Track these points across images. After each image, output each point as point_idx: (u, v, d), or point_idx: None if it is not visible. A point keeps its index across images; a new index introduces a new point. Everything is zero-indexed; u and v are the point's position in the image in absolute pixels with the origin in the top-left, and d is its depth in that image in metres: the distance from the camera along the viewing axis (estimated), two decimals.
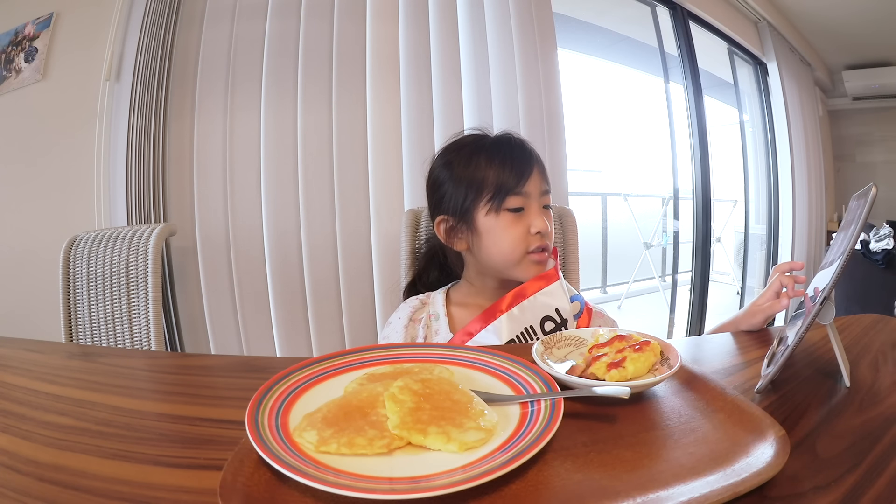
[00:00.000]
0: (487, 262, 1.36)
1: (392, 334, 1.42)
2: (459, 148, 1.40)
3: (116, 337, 2.23)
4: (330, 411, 0.68)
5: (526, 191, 1.30)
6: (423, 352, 0.92)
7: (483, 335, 1.27)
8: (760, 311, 1.25)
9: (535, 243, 1.31)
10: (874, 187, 0.84)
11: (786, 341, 0.90)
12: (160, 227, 2.28)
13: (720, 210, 6.14)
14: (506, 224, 1.30)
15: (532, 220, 1.31)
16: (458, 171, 1.36)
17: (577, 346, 0.98)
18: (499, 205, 1.30)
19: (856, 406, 0.80)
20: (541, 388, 0.77)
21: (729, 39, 4.98)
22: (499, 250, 1.32)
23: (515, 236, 1.30)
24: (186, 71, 2.66)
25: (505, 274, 1.35)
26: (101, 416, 0.81)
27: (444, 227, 1.39)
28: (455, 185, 1.35)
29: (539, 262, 1.33)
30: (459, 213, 1.35)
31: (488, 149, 1.36)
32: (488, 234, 1.32)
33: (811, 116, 5.65)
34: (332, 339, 2.59)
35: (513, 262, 1.32)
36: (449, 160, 1.40)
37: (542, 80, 2.58)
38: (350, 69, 2.55)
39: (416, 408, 0.67)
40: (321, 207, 2.55)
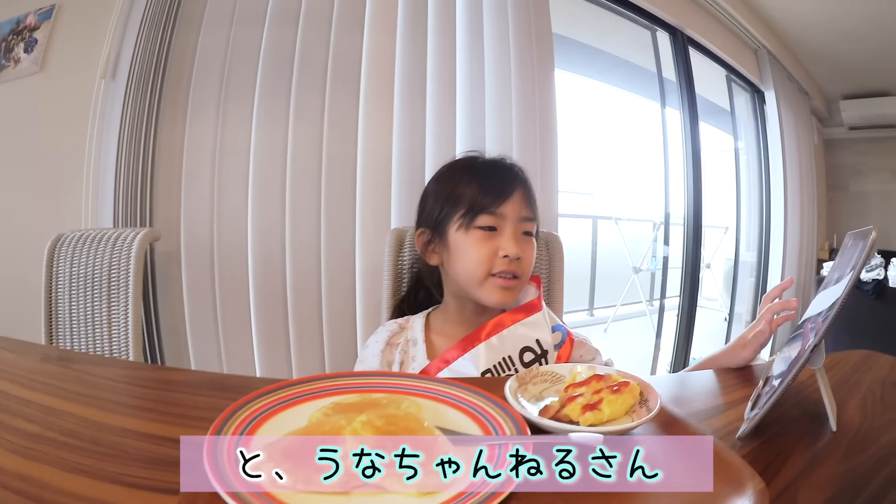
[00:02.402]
0: (455, 279, 1.34)
1: (368, 358, 1.39)
2: (451, 164, 1.41)
3: (95, 341, 2.20)
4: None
5: (501, 212, 1.28)
6: (393, 381, 0.91)
7: (460, 363, 1.24)
8: (749, 344, 1.22)
9: (502, 267, 1.27)
10: (874, 231, 0.82)
11: (771, 381, 0.88)
12: (144, 231, 2.25)
13: (711, 236, 6.16)
14: (474, 241, 1.28)
15: (503, 242, 1.27)
16: (441, 185, 1.37)
17: (554, 382, 0.95)
18: (470, 221, 1.28)
19: (841, 452, 0.78)
20: (510, 429, 0.74)
21: (728, 66, 5.01)
22: (463, 267, 1.30)
23: (481, 255, 1.27)
24: (181, 74, 2.63)
25: (470, 294, 1.32)
26: (69, 427, 0.80)
27: (422, 240, 1.39)
28: (435, 199, 1.36)
29: (505, 287, 1.28)
30: (434, 225, 1.34)
31: (474, 167, 1.36)
32: (457, 250, 1.30)
33: (806, 145, 5.68)
34: (313, 356, 2.55)
35: (476, 281, 1.28)
36: (439, 175, 1.41)
37: (538, 101, 2.58)
38: (345, 82, 2.53)
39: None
40: (307, 222, 2.51)
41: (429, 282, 1.49)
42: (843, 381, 1.09)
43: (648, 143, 5.07)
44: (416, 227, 1.43)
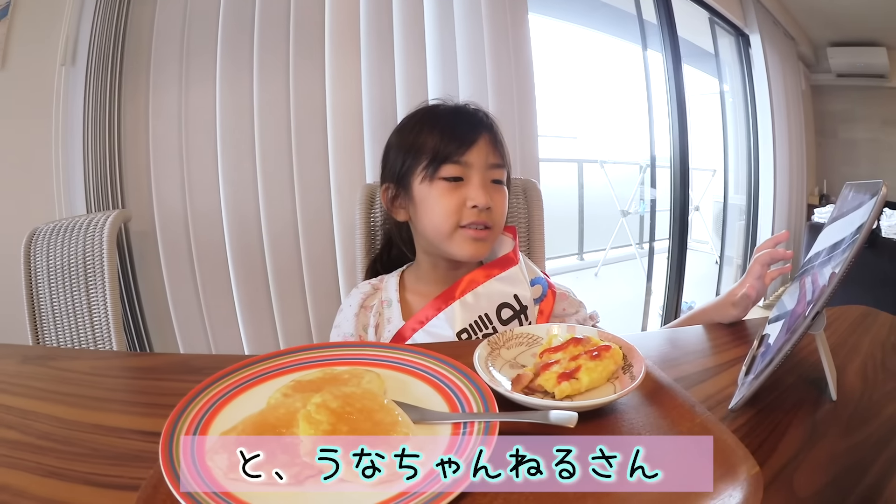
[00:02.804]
0: (423, 234, 1.30)
1: (343, 322, 1.36)
2: (413, 115, 1.36)
3: (80, 334, 2.18)
4: (245, 430, 0.64)
5: (466, 160, 1.23)
6: (357, 353, 0.88)
7: (435, 323, 1.21)
8: (737, 304, 1.18)
9: (471, 218, 1.23)
10: (884, 186, 0.74)
11: (767, 340, 0.83)
12: (114, 213, 2.21)
13: (699, 179, 6.12)
14: (439, 193, 1.23)
15: (470, 191, 1.23)
16: (402, 136, 1.32)
17: (530, 345, 0.91)
18: (433, 172, 1.23)
19: (842, 426, 0.74)
20: (478, 405, 0.71)
21: (710, 9, 4.89)
22: (430, 221, 1.25)
23: (448, 207, 1.22)
24: (140, 50, 2.55)
25: (440, 249, 1.28)
26: (43, 429, 0.82)
27: (387, 196, 1.34)
28: (397, 151, 1.31)
29: (476, 238, 1.24)
30: (398, 179, 1.30)
31: (436, 115, 1.32)
32: (422, 204, 1.26)
33: (794, 90, 5.61)
34: (297, 321, 2.55)
35: (444, 235, 1.24)
36: (401, 126, 1.35)
37: (512, 47, 2.51)
38: (308, 39, 2.44)
39: (332, 430, 0.62)
40: (280, 184, 2.47)
41: (398, 239, 1.45)
42: (842, 342, 1.06)
43: (631, 86, 5.00)
44: (380, 183, 1.38)
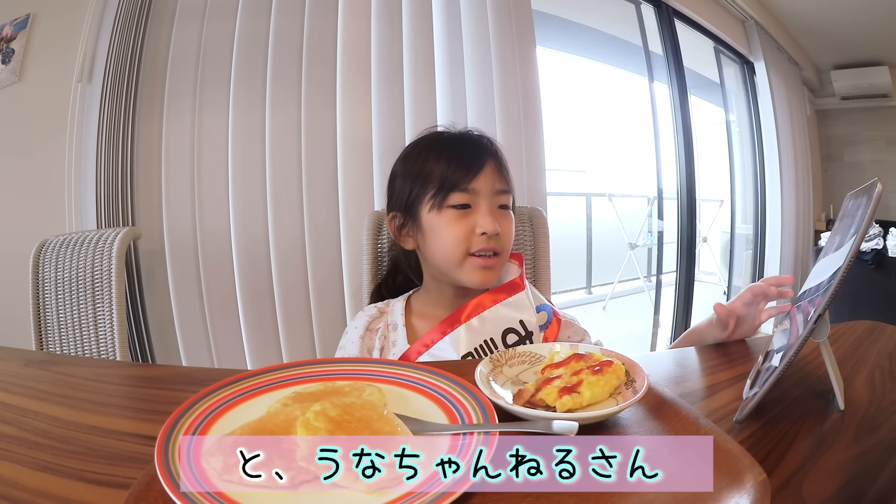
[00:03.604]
0: (433, 262, 1.29)
1: (348, 344, 1.35)
2: (417, 142, 1.36)
3: (84, 344, 2.20)
4: (242, 435, 0.63)
5: (473, 188, 1.23)
6: (358, 368, 0.88)
7: (440, 346, 1.20)
8: (716, 324, 1.18)
9: (480, 245, 1.22)
10: (879, 183, 0.74)
11: (771, 356, 0.82)
12: (124, 230, 2.26)
13: (706, 210, 6.10)
14: (448, 221, 1.22)
15: (479, 219, 1.22)
16: (408, 165, 1.32)
17: (533, 363, 0.90)
18: (441, 200, 1.22)
19: (850, 434, 0.72)
20: (478, 416, 0.70)
21: (715, 38, 4.95)
22: (440, 250, 1.25)
23: (457, 235, 1.22)
24: (156, 71, 2.61)
25: (450, 277, 1.28)
26: (41, 427, 0.82)
27: (395, 224, 1.34)
28: (403, 180, 1.31)
29: (485, 266, 1.24)
30: (405, 208, 1.29)
31: (440, 143, 1.31)
32: (431, 233, 1.25)
33: (799, 116, 5.63)
34: (302, 343, 2.54)
35: (454, 263, 1.24)
36: (405, 154, 1.35)
37: (520, 79, 2.53)
38: (320, 68, 2.50)
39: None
40: (290, 210, 2.50)
41: (405, 266, 1.46)
42: (849, 354, 1.04)
43: (638, 118, 5.02)
44: (387, 211, 1.39)
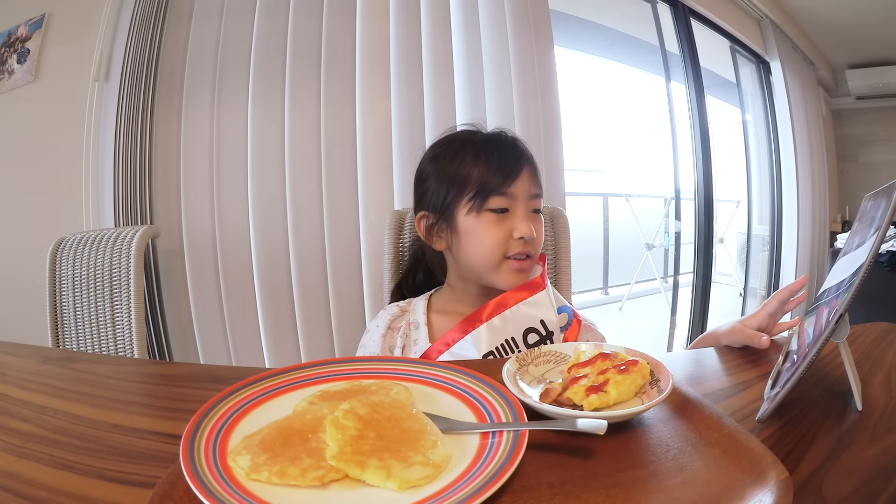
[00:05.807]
0: (466, 264, 1.29)
1: (369, 343, 1.36)
2: (448, 142, 1.34)
3: (101, 341, 2.20)
4: (269, 434, 0.63)
5: (512, 192, 1.23)
6: (385, 367, 0.87)
7: (461, 345, 1.20)
8: (743, 336, 1.14)
9: (517, 249, 1.23)
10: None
11: (791, 356, 0.83)
12: (143, 228, 2.25)
13: (723, 210, 6.08)
14: (486, 225, 1.23)
15: (516, 223, 1.23)
16: (442, 166, 1.30)
17: (558, 362, 0.90)
18: (481, 204, 1.22)
19: (868, 434, 0.72)
20: (506, 415, 0.70)
21: (731, 37, 4.92)
22: (477, 252, 1.25)
23: (495, 239, 1.22)
24: (174, 70, 2.63)
25: (483, 279, 1.28)
26: (60, 425, 0.81)
27: (424, 224, 1.33)
28: (438, 181, 1.29)
29: (520, 269, 1.25)
30: (440, 210, 1.28)
31: (476, 145, 1.29)
32: (468, 235, 1.25)
33: (815, 116, 5.59)
34: (321, 343, 2.55)
35: (490, 266, 1.24)
36: (436, 154, 1.34)
37: (539, 78, 2.52)
38: (339, 68, 2.50)
39: (359, 436, 0.61)
40: (309, 209, 2.51)
41: (433, 265, 1.45)
42: (865, 356, 1.03)
43: (655, 118, 5.00)
44: (415, 211, 1.38)
